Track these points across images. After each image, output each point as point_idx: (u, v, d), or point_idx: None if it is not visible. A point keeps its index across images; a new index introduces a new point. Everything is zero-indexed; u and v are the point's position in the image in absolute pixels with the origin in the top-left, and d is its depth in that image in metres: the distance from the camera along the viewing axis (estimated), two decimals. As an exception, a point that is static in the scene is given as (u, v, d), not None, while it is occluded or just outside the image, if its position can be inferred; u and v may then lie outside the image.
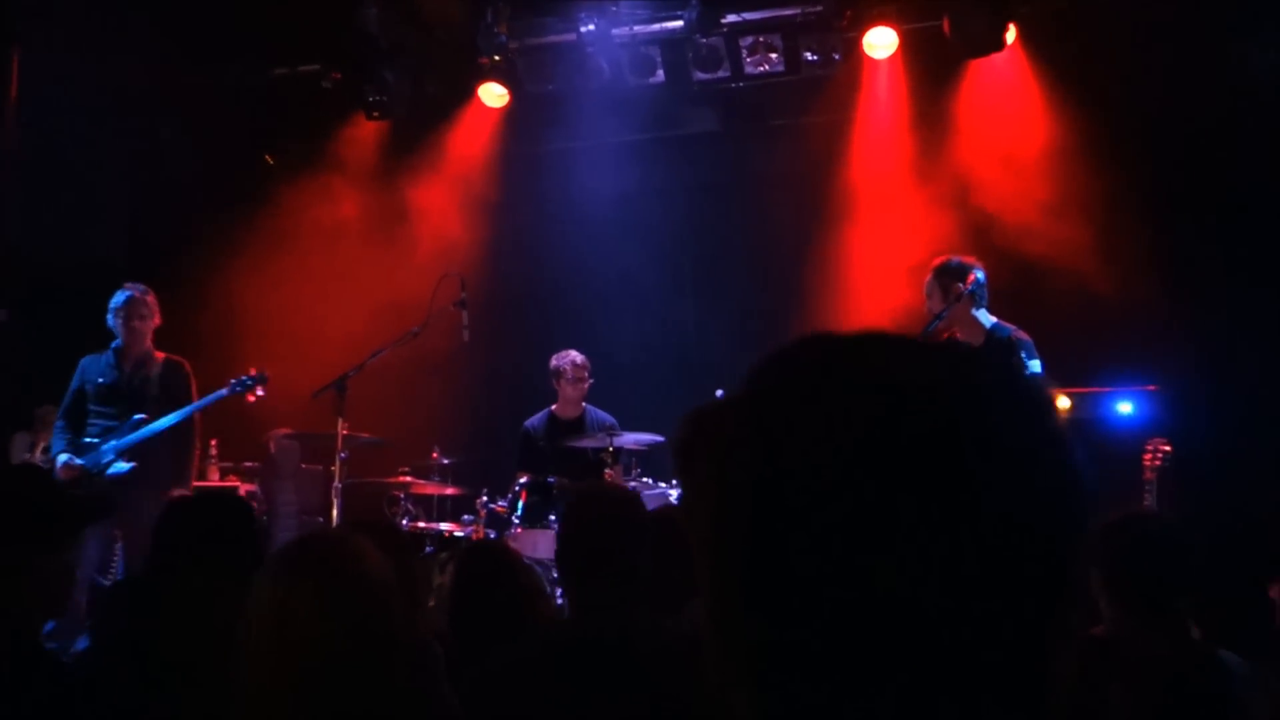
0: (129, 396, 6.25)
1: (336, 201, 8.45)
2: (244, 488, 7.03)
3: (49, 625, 3.01)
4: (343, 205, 8.47)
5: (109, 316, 6.34)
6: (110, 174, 8.41)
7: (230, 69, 8.36)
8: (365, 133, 8.46)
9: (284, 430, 7.60)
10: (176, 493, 5.94)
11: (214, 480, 7.17)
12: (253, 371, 6.48)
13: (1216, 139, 6.74)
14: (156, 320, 6.42)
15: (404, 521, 6.49)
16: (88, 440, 6.16)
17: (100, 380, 6.26)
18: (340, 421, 6.12)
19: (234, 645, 2.00)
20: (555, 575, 4.36)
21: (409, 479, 6.65)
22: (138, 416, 6.15)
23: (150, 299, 6.40)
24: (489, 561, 3.26)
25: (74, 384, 6.28)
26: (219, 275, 8.17)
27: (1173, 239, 6.85)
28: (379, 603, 1.98)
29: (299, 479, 7.72)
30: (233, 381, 6.42)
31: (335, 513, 6.00)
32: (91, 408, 6.22)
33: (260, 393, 6.52)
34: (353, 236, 8.45)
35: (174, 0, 7.50)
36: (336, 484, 6.06)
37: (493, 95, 8.19)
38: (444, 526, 6.53)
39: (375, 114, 8.09)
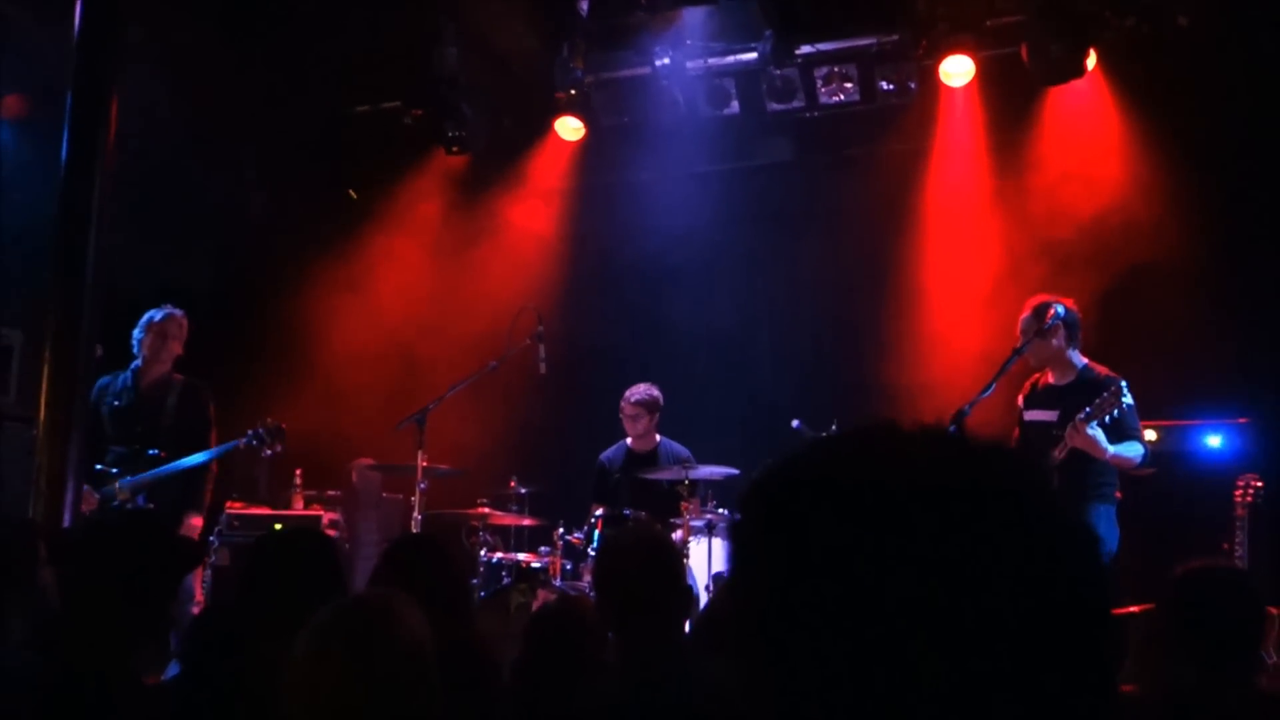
0: (143, 421, 6.06)
1: (416, 235, 8.62)
2: (327, 516, 7.15)
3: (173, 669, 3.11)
4: (422, 238, 8.63)
5: (137, 332, 6.19)
6: (196, 210, 8.67)
7: (313, 107, 8.58)
8: (444, 167, 8.62)
9: (366, 460, 7.74)
10: (193, 520, 5.99)
11: (299, 509, 7.30)
12: (269, 421, 6.19)
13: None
14: (180, 347, 6.24)
15: (483, 552, 6.55)
16: (102, 469, 5.95)
17: (116, 403, 6.08)
18: (420, 454, 6.22)
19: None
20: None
21: (487, 510, 6.73)
22: (152, 452, 5.98)
23: (184, 321, 6.24)
24: (560, 627, 3.30)
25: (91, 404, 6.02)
26: (301, 307, 8.38)
27: (1262, 267, 6.69)
28: (412, 673, 1.98)
29: (381, 509, 7.85)
30: (249, 432, 6.12)
31: (415, 544, 6.07)
32: (107, 432, 6.03)
33: (278, 449, 6.25)
34: (432, 269, 8.60)
35: (258, 41, 7.72)
36: (416, 515, 6.16)
37: (569, 128, 8.29)
38: (521, 557, 6.59)
39: (454, 149, 8.24)
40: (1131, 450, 5.28)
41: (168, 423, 6.12)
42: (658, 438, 7.17)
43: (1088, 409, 5.12)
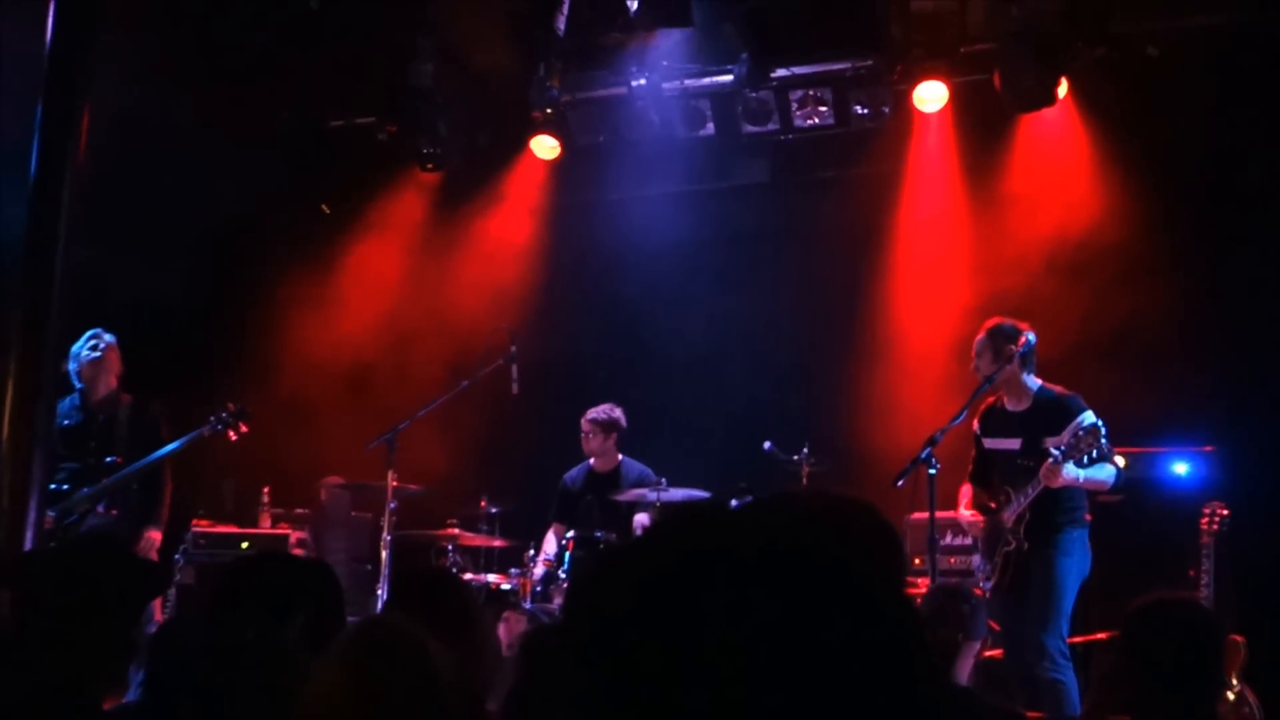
0: (97, 437, 6.05)
1: (390, 251, 8.58)
2: (295, 535, 7.09)
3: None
4: (395, 255, 8.59)
5: (70, 364, 6.13)
6: (168, 223, 8.59)
7: (288, 120, 8.54)
8: (418, 184, 8.59)
9: (335, 479, 7.68)
10: (151, 533, 5.99)
11: (266, 527, 7.24)
12: (231, 407, 6.23)
13: (1274, 193, 6.65)
14: (118, 366, 6.24)
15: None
16: (55, 487, 5.77)
17: (66, 422, 6.01)
18: (390, 473, 6.18)
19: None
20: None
21: (457, 530, 6.69)
22: (109, 460, 5.96)
23: (115, 344, 6.24)
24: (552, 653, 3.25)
25: None
26: (273, 322, 8.32)
27: (1229, 296, 6.76)
28: (427, 699, 1.99)
29: (349, 527, 7.79)
30: (211, 419, 6.17)
31: (384, 564, 6.06)
32: (59, 451, 5.85)
33: (243, 429, 6.26)
34: (405, 285, 8.56)
35: (233, 52, 7.68)
36: (386, 535, 6.11)
37: (544, 147, 8.28)
38: (491, 578, 6.55)
39: (429, 166, 8.21)
40: (1104, 473, 5.33)
41: (121, 434, 6.13)
42: (619, 457, 7.15)
43: (1062, 447, 5.15)
